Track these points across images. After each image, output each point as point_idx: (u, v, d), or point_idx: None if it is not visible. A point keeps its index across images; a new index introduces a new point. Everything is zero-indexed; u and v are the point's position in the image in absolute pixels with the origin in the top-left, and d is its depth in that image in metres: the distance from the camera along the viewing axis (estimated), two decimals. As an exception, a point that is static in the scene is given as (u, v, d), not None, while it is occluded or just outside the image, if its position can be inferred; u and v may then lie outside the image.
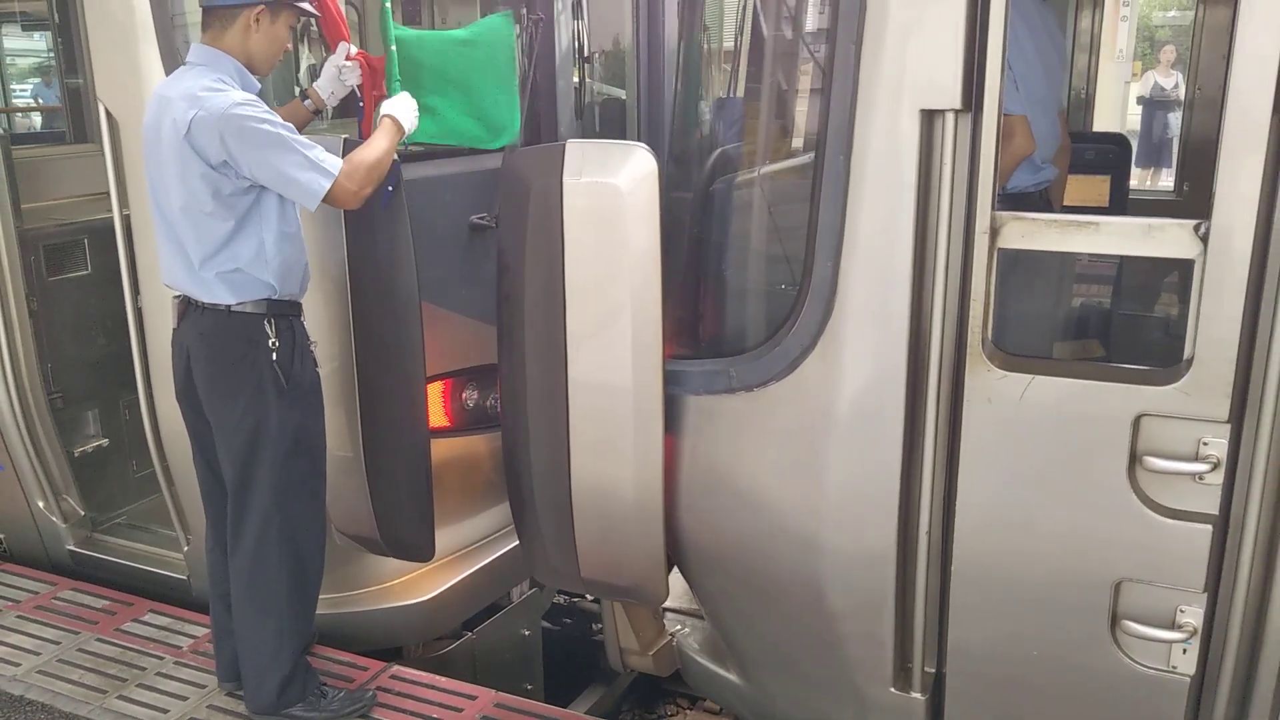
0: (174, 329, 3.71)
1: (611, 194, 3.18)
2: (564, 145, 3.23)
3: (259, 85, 3.57)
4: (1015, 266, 3.91)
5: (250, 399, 3.58)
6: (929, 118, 2.90)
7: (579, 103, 5.35)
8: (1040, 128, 3.68)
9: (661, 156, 3.60)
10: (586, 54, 5.75)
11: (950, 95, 2.85)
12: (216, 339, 3.58)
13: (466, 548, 4.66)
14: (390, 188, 3.59)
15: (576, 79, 5.25)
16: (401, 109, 3.59)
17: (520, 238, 3.34)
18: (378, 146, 3.48)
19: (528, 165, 3.33)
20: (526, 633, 5.14)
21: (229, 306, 3.53)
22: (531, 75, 4.08)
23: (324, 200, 3.37)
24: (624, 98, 6.86)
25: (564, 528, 3.51)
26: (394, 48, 3.65)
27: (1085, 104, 5.22)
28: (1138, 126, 11.93)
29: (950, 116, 2.88)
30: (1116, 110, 11.33)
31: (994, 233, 2.90)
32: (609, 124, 6.39)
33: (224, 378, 3.61)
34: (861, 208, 2.99)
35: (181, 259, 3.55)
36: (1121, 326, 4.23)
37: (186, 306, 3.63)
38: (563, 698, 5.00)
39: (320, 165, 3.35)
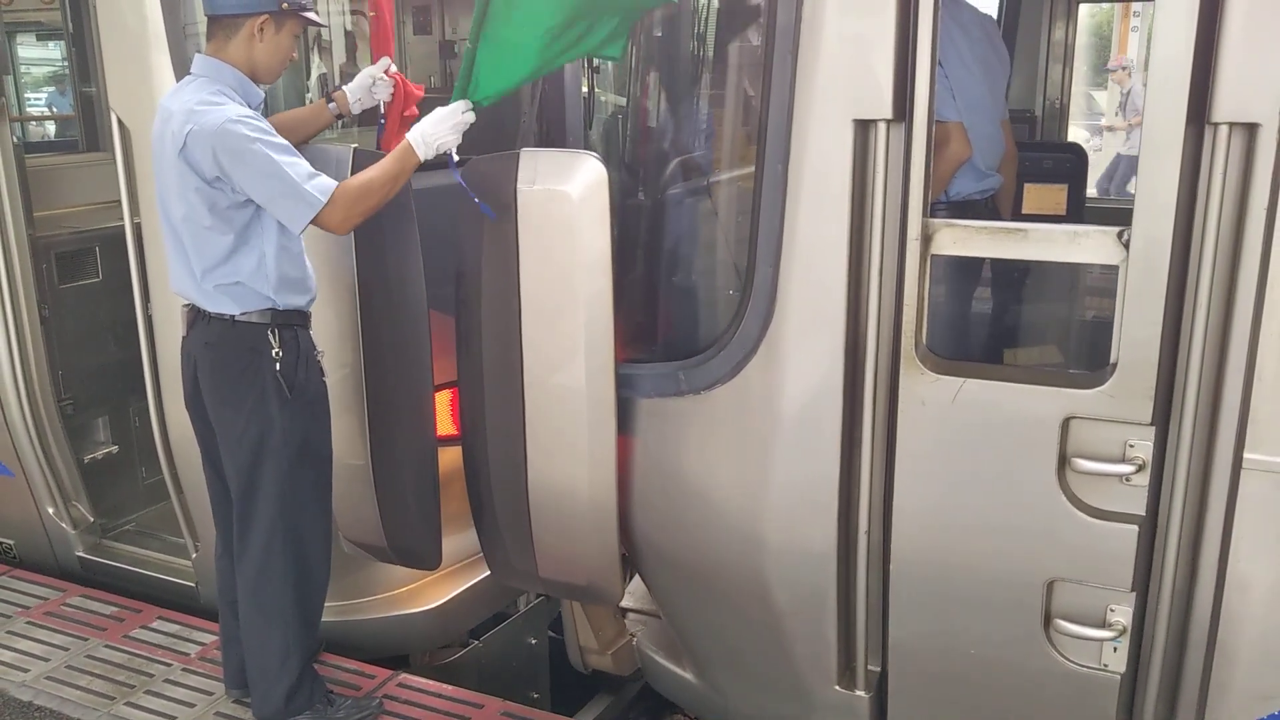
0: (183, 337, 3.74)
1: (564, 201, 3.26)
2: (518, 154, 3.33)
3: (262, 95, 3.55)
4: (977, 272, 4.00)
5: (254, 409, 3.59)
6: (862, 127, 2.98)
7: (588, 112, 5.39)
8: (981, 135, 3.73)
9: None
10: (595, 64, 5.82)
11: (882, 106, 2.93)
12: (221, 348, 3.59)
13: (473, 556, 4.58)
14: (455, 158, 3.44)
15: (585, 89, 5.30)
16: (429, 132, 3.36)
17: (477, 244, 3.44)
18: (379, 171, 3.38)
19: (484, 173, 3.40)
20: (533, 641, 5.14)
21: (234, 316, 3.54)
22: (540, 85, 4.10)
23: (313, 224, 3.36)
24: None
25: (522, 528, 3.59)
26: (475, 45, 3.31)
27: (1060, 114, 5.26)
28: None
29: (883, 126, 2.95)
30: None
31: (926, 239, 2.96)
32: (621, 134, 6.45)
33: (228, 387, 3.61)
34: (799, 215, 3.07)
35: (187, 268, 3.56)
36: (1078, 331, 4.28)
37: (195, 315, 3.65)
38: (569, 707, 5.01)
39: (307, 192, 3.30)
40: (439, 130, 3.35)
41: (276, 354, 3.55)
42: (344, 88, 3.81)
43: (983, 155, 3.75)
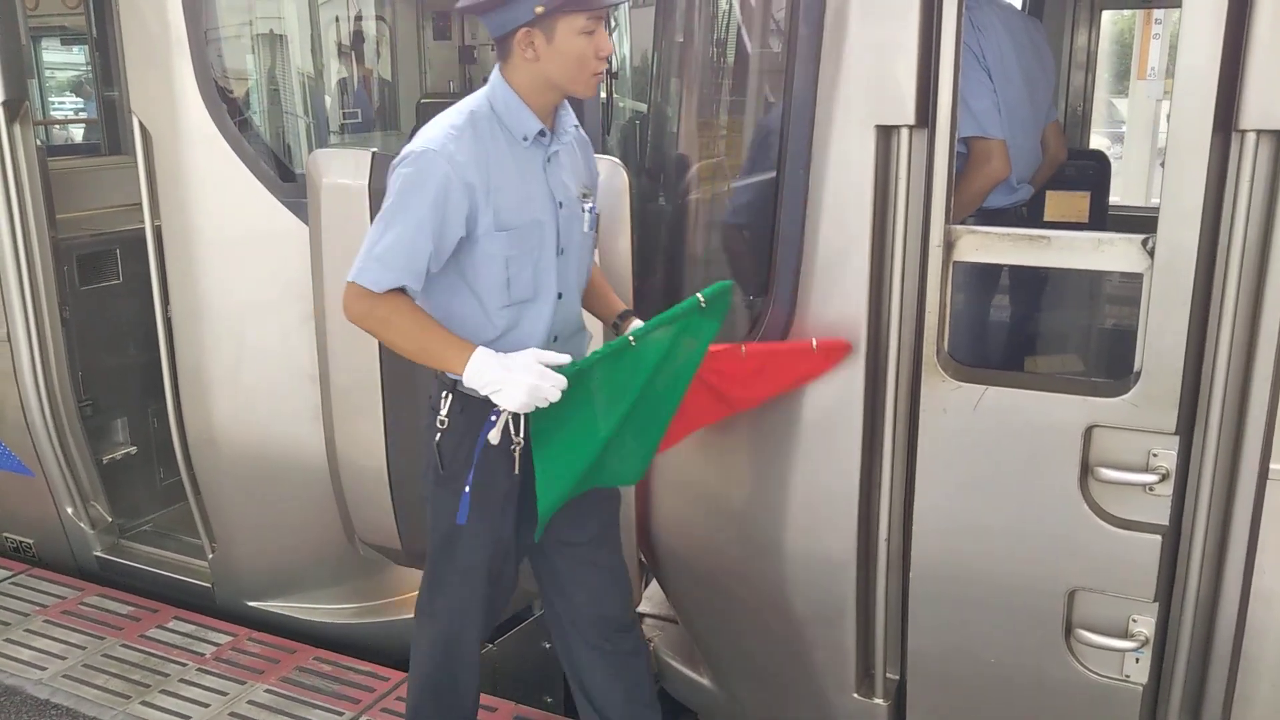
0: None
1: (583, 205, 3.26)
2: None
3: (537, 125, 2.90)
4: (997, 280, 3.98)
5: (423, 473, 3.17)
6: (885, 133, 2.97)
7: (606, 118, 5.39)
8: (1019, 149, 3.69)
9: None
10: (614, 69, 5.83)
11: (905, 112, 2.92)
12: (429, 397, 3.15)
13: None
14: (493, 417, 2.91)
15: (604, 94, 5.30)
16: (492, 375, 2.79)
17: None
18: (417, 332, 2.86)
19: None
20: (547, 646, 5.13)
21: None
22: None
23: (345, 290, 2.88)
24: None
25: (540, 531, 3.59)
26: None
27: (1081, 121, 5.24)
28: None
29: (905, 132, 2.95)
30: (1147, 128, 11.19)
31: (948, 246, 2.95)
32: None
33: (419, 440, 3.21)
34: (820, 221, 3.06)
35: None
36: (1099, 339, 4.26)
37: None
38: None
39: (366, 264, 2.81)
40: (496, 383, 2.78)
41: (442, 422, 3.02)
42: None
43: (1017, 169, 3.71)
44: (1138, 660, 2.97)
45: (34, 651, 4.53)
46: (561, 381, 2.75)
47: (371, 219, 3.55)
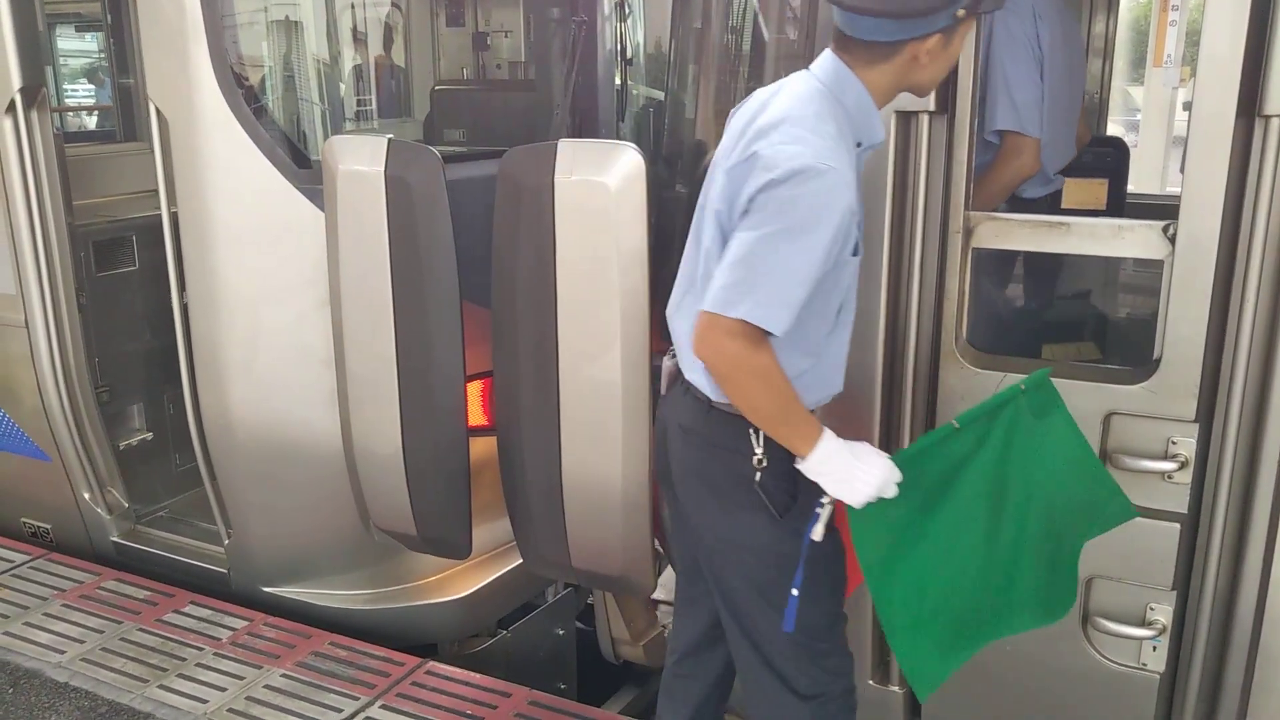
0: (661, 395, 3.01)
1: (601, 193, 3.24)
2: (556, 144, 3.31)
3: (880, 137, 2.66)
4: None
5: (735, 523, 2.74)
6: (905, 119, 2.96)
7: (620, 104, 5.37)
8: (1056, 141, 3.67)
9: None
10: (629, 56, 5.81)
11: (925, 98, 2.91)
12: (696, 438, 2.77)
13: (502, 546, 4.62)
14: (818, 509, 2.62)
15: (619, 81, 5.29)
16: (834, 469, 2.55)
17: (513, 235, 3.42)
18: (775, 397, 2.49)
19: (521, 164, 3.38)
20: (560, 632, 5.12)
21: (710, 400, 2.70)
22: (573, 77, 4.08)
23: (701, 324, 2.46)
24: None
25: (555, 518, 3.58)
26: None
27: (1099, 108, 5.22)
28: (1184, 132, 11.69)
29: (925, 118, 2.94)
30: (1163, 116, 11.15)
31: (968, 232, 2.95)
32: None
33: (705, 490, 2.78)
34: (839, 207, 3.05)
35: (682, 301, 2.82)
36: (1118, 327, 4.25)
37: (676, 374, 2.88)
38: (596, 698, 5.01)
39: (764, 300, 2.37)
40: (843, 472, 2.54)
41: (759, 461, 2.64)
42: None
43: (1054, 161, 3.68)
44: (1155, 649, 2.97)
45: (53, 635, 4.55)
46: (899, 475, 2.53)
47: (388, 205, 3.62)
